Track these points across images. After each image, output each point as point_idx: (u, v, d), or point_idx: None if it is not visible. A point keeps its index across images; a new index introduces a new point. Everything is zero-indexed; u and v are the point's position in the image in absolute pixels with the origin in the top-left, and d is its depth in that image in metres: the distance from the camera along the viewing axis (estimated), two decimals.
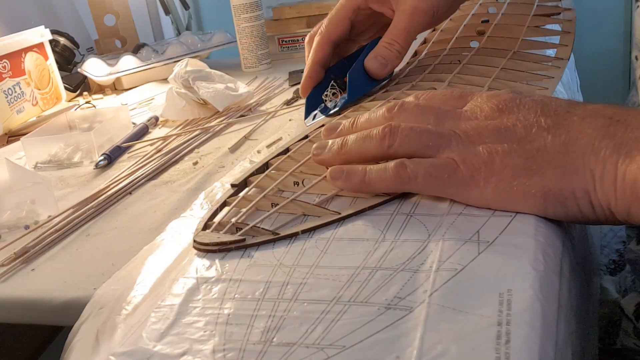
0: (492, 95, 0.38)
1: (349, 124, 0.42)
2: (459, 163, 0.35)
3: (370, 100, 0.55)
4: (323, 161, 0.41)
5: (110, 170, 0.64)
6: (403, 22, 0.55)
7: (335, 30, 0.57)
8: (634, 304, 0.64)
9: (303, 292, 0.30)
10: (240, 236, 0.35)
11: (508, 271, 0.29)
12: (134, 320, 0.31)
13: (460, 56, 0.59)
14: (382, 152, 0.38)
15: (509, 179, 0.34)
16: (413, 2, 0.54)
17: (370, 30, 0.61)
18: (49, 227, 0.50)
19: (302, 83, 0.59)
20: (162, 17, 1.54)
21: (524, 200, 0.33)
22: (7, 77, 0.87)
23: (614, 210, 0.32)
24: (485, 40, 0.61)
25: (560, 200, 0.33)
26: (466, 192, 0.35)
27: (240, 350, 0.26)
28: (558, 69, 0.54)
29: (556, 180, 0.33)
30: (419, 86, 0.55)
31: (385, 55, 0.56)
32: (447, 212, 0.35)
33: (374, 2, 0.57)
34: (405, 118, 0.39)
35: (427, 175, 0.36)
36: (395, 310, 0.27)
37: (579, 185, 0.32)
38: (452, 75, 0.55)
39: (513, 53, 0.57)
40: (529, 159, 0.34)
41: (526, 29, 0.61)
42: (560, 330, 0.27)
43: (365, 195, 0.38)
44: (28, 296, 0.41)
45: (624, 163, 0.31)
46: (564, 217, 0.34)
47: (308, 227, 0.36)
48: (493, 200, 0.34)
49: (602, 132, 0.33)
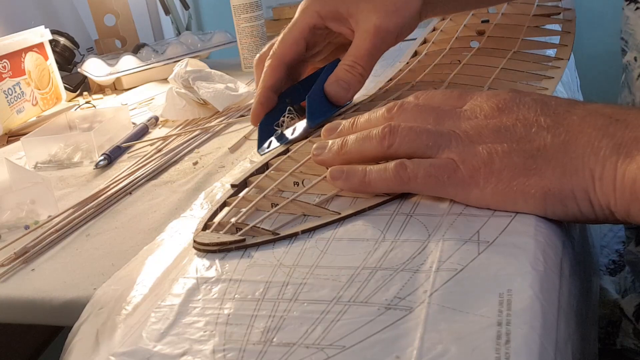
0: (492, 94, 0.38)
1: (348, 124, 0.42)
2: (458, 163, 0.35)
3: (370, 100, 0.55)
4: (323, 161, 0.41)
5: (110, 170, 0.64)
6: (365, 43, 0.49)
7: (289, 51, 0.52)
8: (634, 304, 0.64)
9: (303, 292, 0.30)
10: (240, 236, 0.35)
11: (508, 271, 0.29)
12: (134, 320, 0.31)
13: (461, 56, 0.59)
14: (382, 152, 0.38)
15: (508, 179, 0.34)
16: (376, 21, 0.49)
17: (325, 51, 0.57)
18: (49, 227, 0.50)
19: (252, 110, 0.52)
20: (162, 17, 1.54)
21: (523, 200, 0.33)
22: (7, 77, 0.87)
23: (614, 210, 0.32)
24: (485, 40, 0.61)
25: (560, 200, 0.33)
26: (466, 193, 0.35)
27: (240, 350, 0.26)
28: (558, 69, 0.54)
29: (556, 180, 0.33)
30: (418, 86, 0.55)
31: (347, 79, 0.50)
32: (447, 212, 0.35)
33: (331, 20, 0.51)
34: (405, 118, 0.39)
35: (427, 175, 0.36)
36: (395, 311, 0.27)
37: (578, 185, 0.32)
38: (452, 75, 0.55)
39: (513, 53, 0.57)
40: (528, 158, 0.34)
41: (526, 28, 0.61)
42: (561, 330, 0.27)
43: (365, 195, 0.38)
44: (28, 296, 0.41)
45: (624, 163, 0.31)
46: (564, 217, 0.34)
47: (308, 227, 0.36)
48: (493, 201, 0.34)
49: (602, 132, 0.33)
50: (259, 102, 0.52)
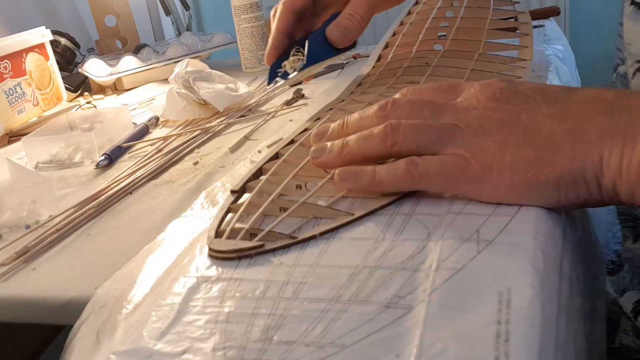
0: (484, 84, 0.38)
1: (338, 126, 0.41)
2: (469, 159, 0.35)
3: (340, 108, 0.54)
4: (323, 164, 0.41)
5: (110, 170, 0.64)
6: None
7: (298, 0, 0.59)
8: (633, 301, 0.64)
9: (303, 291, 0.30)
10: (259, 242, 0.34)
11: (507, 270, 0.29)
12: (134, 319, 0.31)
13: (428, 59, 0.59)
14: (385, 151, 0.38)
15: (522, 171, 0.34)
16: None
17: (335, 5, 0.62)
18: (49, 227, 0.50)
19: (266, 52, 0.60)
20: (162, 18, 1.54)
21: (537, 191, 0.34)
22: (8, 78, 0.87)
23: (619, 191, 0.33)
24: (449, 43, 0.62)
25: (572, 185, 0.33)
26: (478, 188, 0.35)
27: (240, 348, 0.26)
28: (524, 69, 0.55)
29: (567, 167, 0.33)
30: (394, 88, 0.55)
31: (346, 25, 0.58)
32: (447, 211, 0.35)
33: None
34: (400, 114, 0.38)
35: (438, 172, 0.35)
36: (395, 309, 0.27)
37: (589, 170, 0.33)
38: (425, 77, 0.55)
39: (479, 55, 0.58)
40: (539, 149, 0.34)
41: (487, 31, 0.62)
42: (561, 328, 0.27)
43: (372, 195, 0.38)
44: (29, 296, 0.41)
45: (629, 147, 0.32)
46: (575, 201, 0.34)
47: (326, 230, 0.35)
48: (506, 194, 0.34)
49: (606, 117, 0.33)
50: (272, 45, 0.59)
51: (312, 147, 0.41)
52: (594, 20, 1.72)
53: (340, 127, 0.41)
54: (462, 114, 0.37)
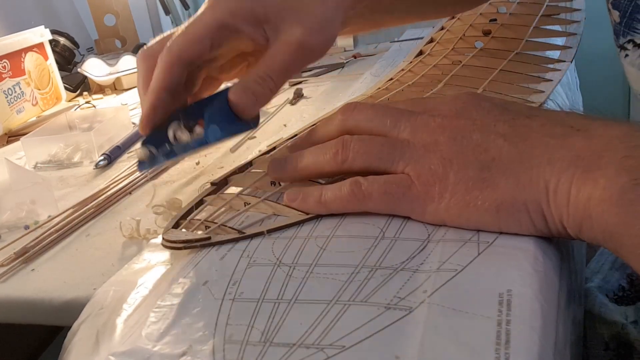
0: (453, 97, 0.37)
1: (305, 134, 0.41)
2: (413, 179, 0.34)
3: None
4: (279, 178, 0.40)
5: (110, 170, 0.64)
6: (284, 57, 0.41)
7: (190, 49, 0.41)
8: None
9: (303, 292, 0.30)
10: (207, 234, 0.36)
11: (508, 272, 0.29)
12: (133, 320, 0.31)
13: (462, 57, 0.59)
14: (336, 167, 0.37)
15: (462, 193, 0.32)
16: (301, 36, 0.41)
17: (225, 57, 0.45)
18: (48, 227, 0.50)
19: (142, 115, 0.42)
20: (162, 17, 1.54)
21: (477, 215, 0.32)
22: (7, 77, 0.87)
23: (566, 226, 0.30)
24: (490, 41, 0.61)
25: (512, 213, 0.31)
26: (422, 209, 0.34)
27: (239, 350, 0.26)
28: (558, 71, 0.53)
29: (509, 191, 0.31)
30: (416, 84, 0.55)
31: (256, 92, 0.41)
32: None
33: (245, 22, 0.41)
34: (361, 119, 0.37)
35: (382, 192, 0.35)
36: (395, 310, 0.27)
37: (531, 197, 0.30)
38: (449, 76, 0.54)
39: (515, 54, 0.57)
40: (483, 169, 0.32)
41: (532, 29, 0.60)
42: (560, 331, 0.27)
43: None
44: (28, 296, 0.41)
45: (580, 178, 0.29)
46: (518, 231, 0.32)
47: (274, 227, 0.36)
48: (447, 216, 0.33)
49: (559, 142, 0.31)
50: (151, 107, 0.41)
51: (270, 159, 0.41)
52: (594, 19, 1.72)
53: (307, 135, 0.41)
54: (419, 128, 0.35)
